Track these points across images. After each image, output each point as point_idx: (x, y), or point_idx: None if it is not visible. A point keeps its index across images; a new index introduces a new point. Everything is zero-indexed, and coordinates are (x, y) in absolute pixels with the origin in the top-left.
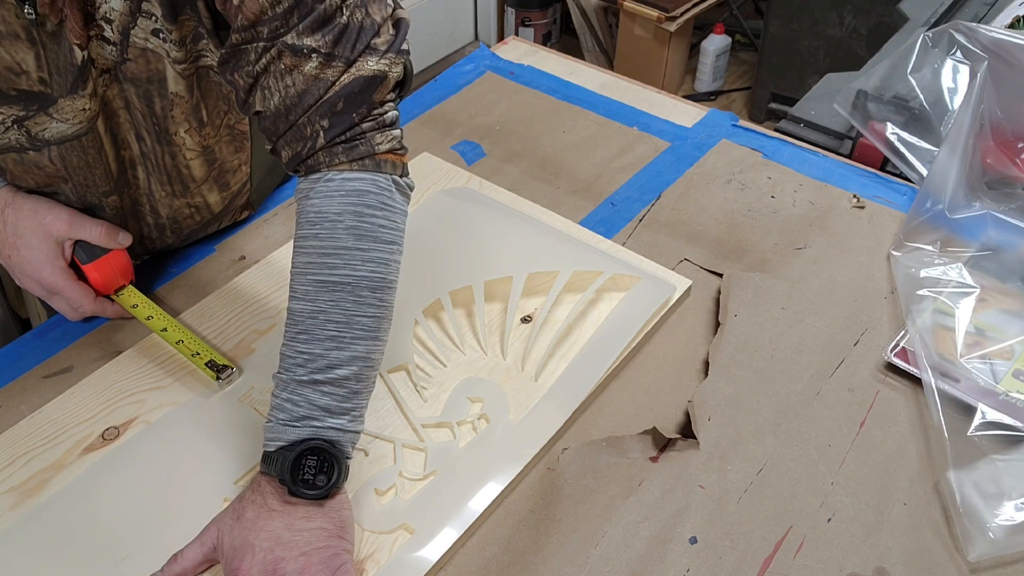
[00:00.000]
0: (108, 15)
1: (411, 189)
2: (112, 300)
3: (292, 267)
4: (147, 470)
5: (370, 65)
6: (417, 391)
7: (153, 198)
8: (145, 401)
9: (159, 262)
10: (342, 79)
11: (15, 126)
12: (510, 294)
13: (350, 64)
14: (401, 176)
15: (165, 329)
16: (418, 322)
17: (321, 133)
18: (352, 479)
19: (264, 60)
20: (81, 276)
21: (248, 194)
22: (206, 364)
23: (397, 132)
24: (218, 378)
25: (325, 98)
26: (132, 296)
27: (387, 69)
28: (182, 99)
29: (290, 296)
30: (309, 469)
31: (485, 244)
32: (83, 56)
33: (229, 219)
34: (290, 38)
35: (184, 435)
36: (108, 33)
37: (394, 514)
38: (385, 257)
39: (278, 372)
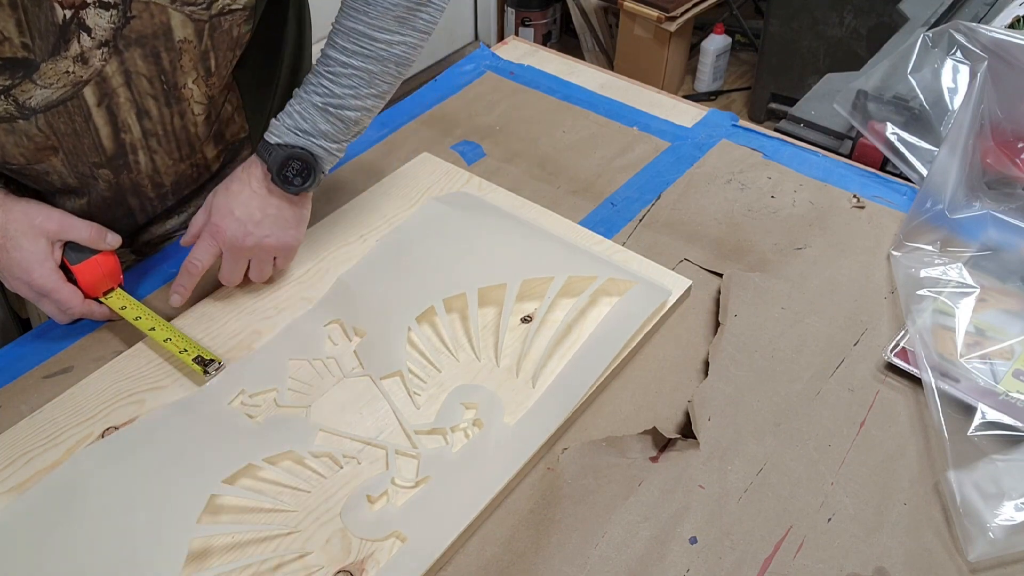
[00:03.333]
0: None
1: None
2: (100, 302)
3: (337, 23)
4: (135, 468)
5: None
6: (410, 397)
7: (157, 174)
8: (145, 401)
9: (158, 263)
10: None
11: (2, 96)
12: (503, 301)
13: None
14: None
15: (153, 328)
16: (411, 329)
17: None
18: (344, 485)
19: None
20: (70, 279)
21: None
22: (193, 360)
23: None
24: (205, 372)
25: None
26: (120, 298)
27: None
28: (190, 44)
29: (330, 43)
30: (293, 169)
31: (479, 251)
32: (64, 15)
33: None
34: None
35: (175, 434)
36: None
37: (386, 521)
38: (416, 43)
39: (299, 89)
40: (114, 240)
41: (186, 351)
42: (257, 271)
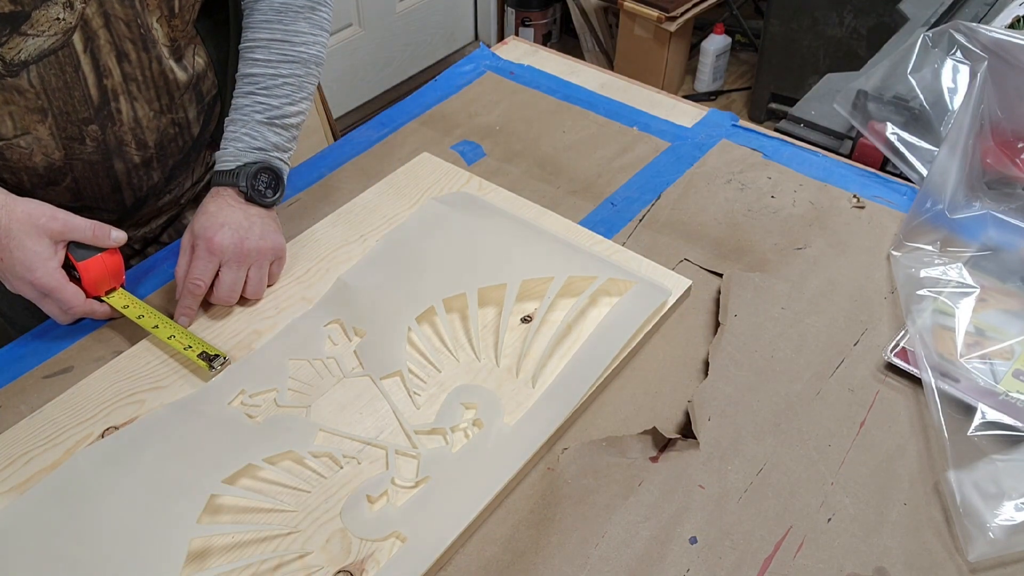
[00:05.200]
0: None
1: None
2: (102, 301)
3: (250, 40)
4: (135, 468)
5: None
6: (410, 397)
7: (140, 128)
8: (145, 401)
9: (159, 262)
10: None
11: None
12: (503, 301)
13: None
14: None
15: (156, 326)
16: (411, 329)
17: None
18: (345, 485)
19: None
20: (73, 278)
21: (219, 118)
22: (198, 356)
23: None
24: (211, 367)
25: None
26: (122, 297)
27: None
28: None
29: (250, 62)
30: (263, 183)
31: (478, 251)
32: None
33: (209, 153)
34: None
35: (175, 434)
36: None
37: (386, 521)
38: (325, 41)
39: (233, 116)
40: (119, 236)
41: (190, 347)
42: (256, 280)
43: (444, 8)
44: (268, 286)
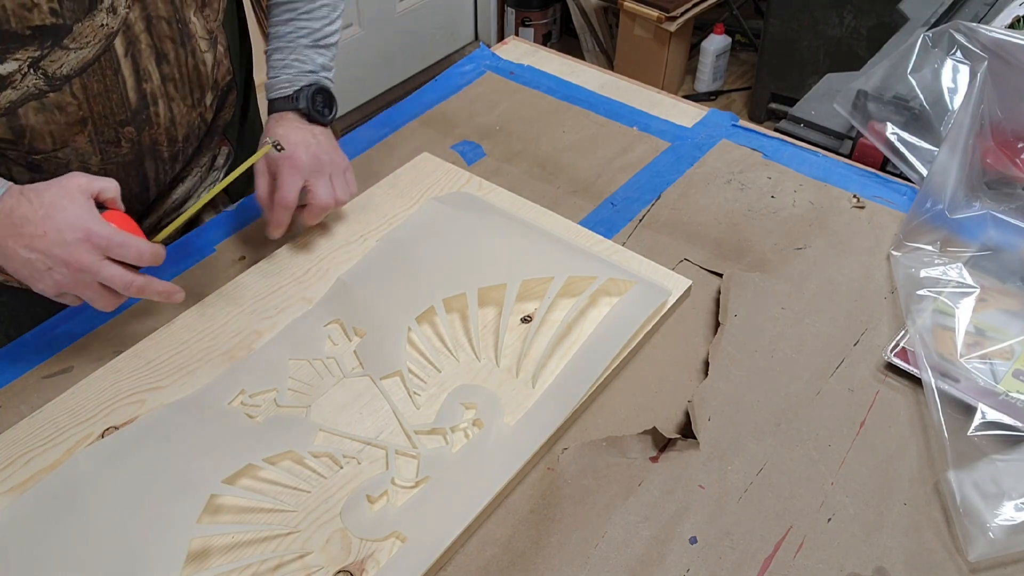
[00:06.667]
0: None
1: None
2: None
3: None
4: (135, 468)
5: None
6: (410, 397)
7: (173, 126)
8: (145, 401)
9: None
10: None
11: (32, 70)
12: (503, 301)
13: None
14: None
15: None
16: (411, 329)
17: None
18: (345, 485)
19: None
20: None
21: (233, 106)
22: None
23: None
24: (278, 147)
25: None
26: (161, 233)
27: None
28: None
29: None
30: (320, 103)
31: (478, 251)
32: None
33: (217, 139)
34: None
35: (175, 434)
36: None
37: (386, 521)
38: None
39: (278, 44)
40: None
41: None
42: (342, 186)
43: (444, 8)
44: (350, 195)
